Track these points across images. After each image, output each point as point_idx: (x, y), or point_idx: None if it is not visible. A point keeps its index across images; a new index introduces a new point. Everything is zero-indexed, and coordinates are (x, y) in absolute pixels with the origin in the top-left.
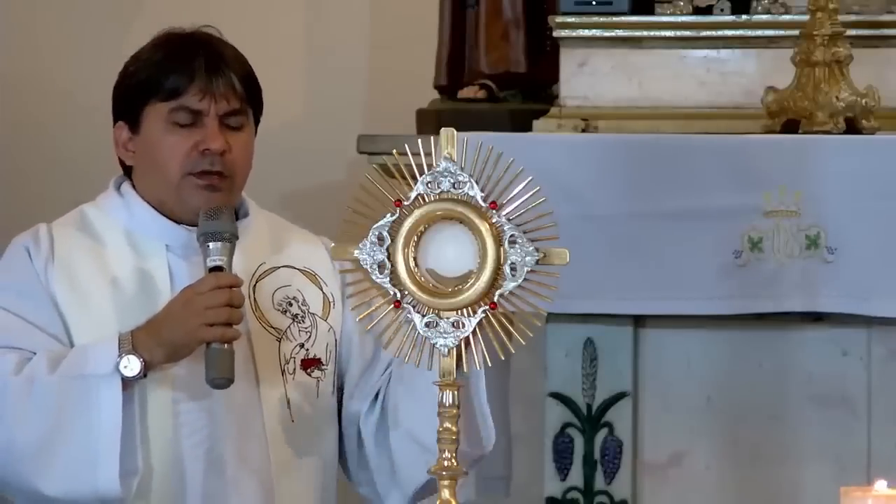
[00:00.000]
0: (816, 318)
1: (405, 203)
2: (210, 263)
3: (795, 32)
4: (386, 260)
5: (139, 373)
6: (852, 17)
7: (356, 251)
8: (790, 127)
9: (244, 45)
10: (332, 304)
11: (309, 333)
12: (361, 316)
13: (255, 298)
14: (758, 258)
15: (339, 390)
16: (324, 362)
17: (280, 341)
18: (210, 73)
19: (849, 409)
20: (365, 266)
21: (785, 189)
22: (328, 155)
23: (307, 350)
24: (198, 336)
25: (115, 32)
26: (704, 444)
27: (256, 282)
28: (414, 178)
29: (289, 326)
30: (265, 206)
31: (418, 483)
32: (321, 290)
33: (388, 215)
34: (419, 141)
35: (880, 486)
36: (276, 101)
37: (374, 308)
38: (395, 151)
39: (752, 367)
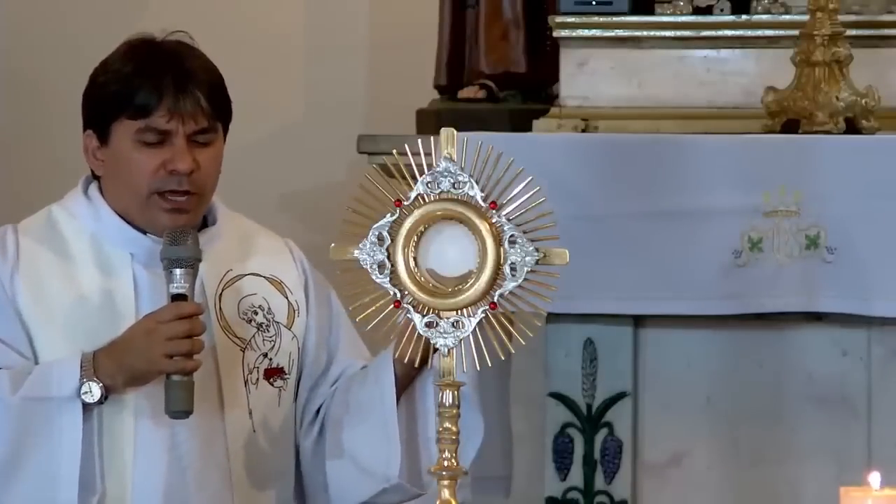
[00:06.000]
0: (816, 318)
1: (405, 203)
2: (173, 290)
3: (795, 32)
4: (386, 260)
5: (100, 398)
6: (852, 17)
7: (356, 251)
8: (790, 127)
9: (244, 46)
10: (296, 313)
11: (273, 342)
12: (360, 317)
13: (220, 308)
14: (757, 258)
15: None
16: (286, 372)
17: (244, 351)
18: (178, 93)
19: (849, 409)
20: (365, 266)
21: (785, 189)
22: (328, 155)
23: (270, 360)
24: (158, 367)
25: (116, 32)
26: (704, 444)
27: (223, 289)
28: (414, 178)
29: (253, 336)
30: (265, 206)
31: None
32: (286, 298)
33: (388, 215)
34: (419, 141)
35: (874, 479)
36: (276, 101)
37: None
38: (395, 151)
39: (752, 367)
